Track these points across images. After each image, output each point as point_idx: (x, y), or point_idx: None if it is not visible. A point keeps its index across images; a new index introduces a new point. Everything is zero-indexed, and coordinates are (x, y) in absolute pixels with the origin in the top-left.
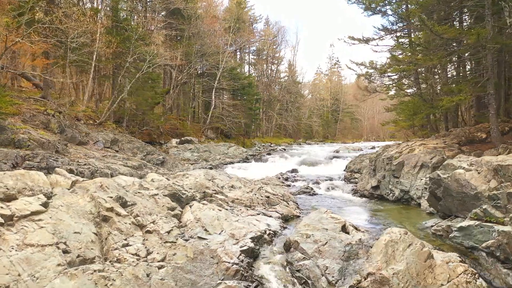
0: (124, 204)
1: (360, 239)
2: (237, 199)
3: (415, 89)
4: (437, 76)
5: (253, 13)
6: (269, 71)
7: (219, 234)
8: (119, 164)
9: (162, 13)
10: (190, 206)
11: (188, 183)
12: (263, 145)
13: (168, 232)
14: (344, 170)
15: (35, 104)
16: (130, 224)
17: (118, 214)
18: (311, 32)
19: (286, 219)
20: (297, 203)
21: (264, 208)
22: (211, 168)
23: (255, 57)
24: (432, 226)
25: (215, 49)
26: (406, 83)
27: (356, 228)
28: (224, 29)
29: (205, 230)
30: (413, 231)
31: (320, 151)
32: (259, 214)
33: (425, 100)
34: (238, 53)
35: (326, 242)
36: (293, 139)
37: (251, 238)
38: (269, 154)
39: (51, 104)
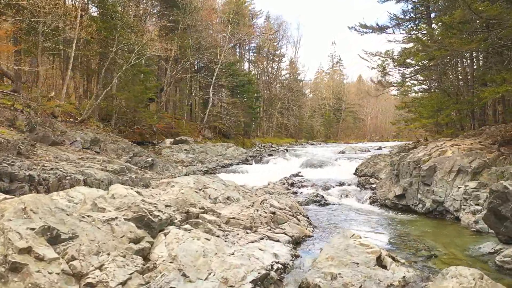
0: (55, 239)
1: (403, 277)
2: (234, 218)
3: (426, 84)
4: (459, 68)
5: (254, 7)
6: (270, 69)
7: (205, 279)
8: (96, 168)
9: (157, 6)
10: (165, 235)
11: (167, 198)
12: (264, 145)
13: (123, 283)
14: (355, 174)
15: (3, 99)
16: (58, 273)
17: (39, 258)
18: (312, 29)
19: (297, 242)
20: (308, 218)
21: (269, 230)
22: (206, 171)
23: (255, 54)
24: (491, 253)
25: (212, 43)
26: (420, 75)
27: (393, 259)
28: (222, 23)
29: (184, 275)
30: (465, 260)
31: (325, 152)
32: (263, 238)
33: (449, 94)
34: (238, 49)
35: (360, 286)
36: (294, 139)
37: (252, 281)
38: (270, 155)
39: (21, 98)
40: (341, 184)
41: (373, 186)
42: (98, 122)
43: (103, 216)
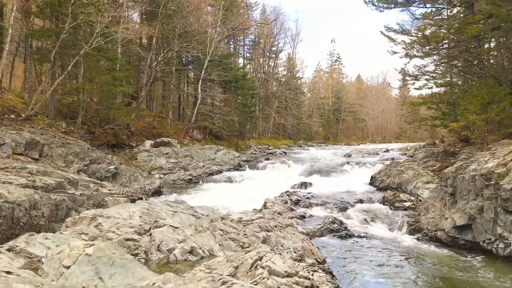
0: None
1: None
2: None
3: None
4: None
5: None
6: (266, 66)
7: None
8: (16, 184)
9: None
10: None
11: None
12: (260, 148)
13: None
14: (371, 184)
15: None
16: None
17: None
18: (309, 22)
19: None
20: (332, 274)
21: None
22: (189, 180)
23: (250, 50)
24: None
25: (200, 30)
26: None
27: None
28: (212, 9)
29: None
30: None
31: (328, 155)
32: None
33: (500, 83)
34: (232, 44)
35: None
36: (293, 141)
37: None
38: (267, 159)
39: None
40: (361, 200)
41: (406, 204)
42: (59, 120)
43: None
